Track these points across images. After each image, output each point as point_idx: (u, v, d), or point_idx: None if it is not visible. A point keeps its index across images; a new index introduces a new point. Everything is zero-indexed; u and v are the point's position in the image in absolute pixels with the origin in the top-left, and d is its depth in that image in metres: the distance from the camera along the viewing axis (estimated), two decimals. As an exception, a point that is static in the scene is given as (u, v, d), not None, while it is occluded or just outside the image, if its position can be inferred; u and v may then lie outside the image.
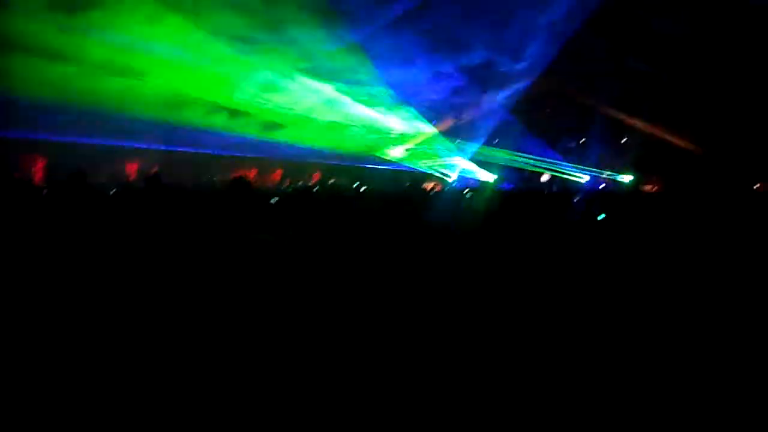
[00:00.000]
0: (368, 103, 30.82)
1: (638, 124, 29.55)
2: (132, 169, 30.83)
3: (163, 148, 27.62)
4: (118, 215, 11.28)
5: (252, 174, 33.73)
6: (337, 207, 16.50)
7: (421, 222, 14.64)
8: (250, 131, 29.37)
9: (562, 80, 29.07)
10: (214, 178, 31.96)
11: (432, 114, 33.28)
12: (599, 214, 14.62)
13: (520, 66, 28.46)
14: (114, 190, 18.22)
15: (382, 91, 29.59)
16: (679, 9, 19.78)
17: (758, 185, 27.21)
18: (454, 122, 33.84)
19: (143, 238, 9.92)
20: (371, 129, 32.89)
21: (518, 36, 26.09)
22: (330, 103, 30.23)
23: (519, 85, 30.29)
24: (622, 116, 29.75)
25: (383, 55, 26.35)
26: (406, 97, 30.59)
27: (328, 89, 29.24)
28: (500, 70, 28.78)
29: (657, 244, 10.97)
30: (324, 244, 11.39)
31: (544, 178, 33.96)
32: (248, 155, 31.54)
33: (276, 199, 17.63)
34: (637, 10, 20.99)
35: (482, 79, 29.55)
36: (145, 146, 27.72)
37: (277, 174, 35.81)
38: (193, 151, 28.32)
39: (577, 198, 19.69)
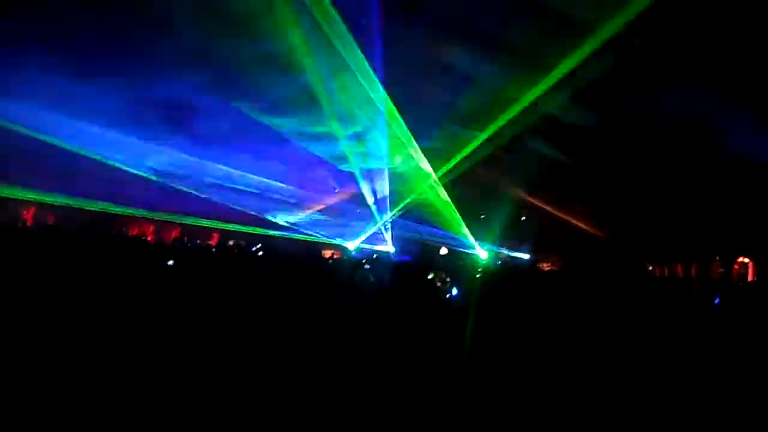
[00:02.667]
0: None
1: (539, 204, 30.84)
2: (28, 215, 29.76)
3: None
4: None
5: (149, 230, 33.02)
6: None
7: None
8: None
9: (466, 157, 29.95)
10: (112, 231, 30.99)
11: (333, 182, 33.66)
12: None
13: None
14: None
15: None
16: (583, 101, 20.95)
17: (651, 267, 28.95)
18: (356, 192, 34.23)
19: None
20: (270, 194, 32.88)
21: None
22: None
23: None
24: (523, 196, 30.98)
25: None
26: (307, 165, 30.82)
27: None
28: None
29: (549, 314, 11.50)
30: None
31: (443, 251, 34.70)
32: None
33: (172, 262, 17.35)
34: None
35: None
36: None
37: (176, 232, 35.08)
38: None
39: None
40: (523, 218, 33.90)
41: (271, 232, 33.89)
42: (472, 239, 33.65)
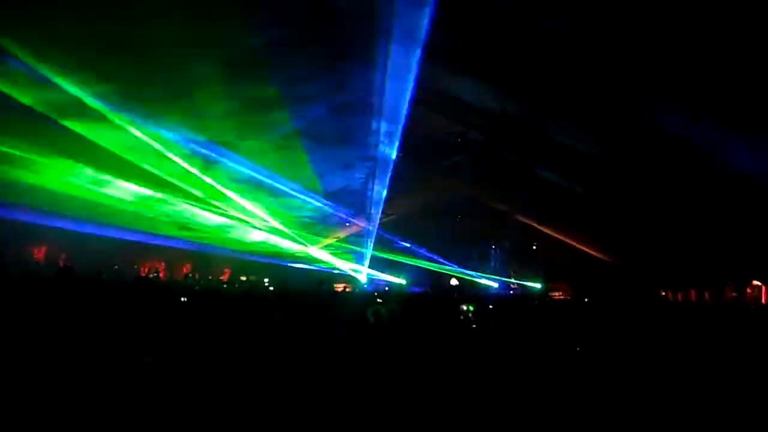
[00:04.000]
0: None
1: (549, 232, 30.85)
2: (40, 253, 29.98)
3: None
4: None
5: (161, 267, 33.24)
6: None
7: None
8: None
9: (475, 187, 30.12)
10: (116, 266, 31.25)
11: (344, 214, 33.75)
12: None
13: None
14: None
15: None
16: (589, 129, 21.04)
17: (664, 292, 28.95)
18: (366, 225, 34.31)
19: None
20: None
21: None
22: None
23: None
24: (533, 224, 30.99)
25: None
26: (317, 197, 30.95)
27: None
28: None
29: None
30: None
31: (453, 282, 34.63)
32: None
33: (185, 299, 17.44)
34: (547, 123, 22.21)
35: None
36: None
37: (186, 268, 35.21)
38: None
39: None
40: (534, 247, 33.93)
41: (283, 263, 33.95)
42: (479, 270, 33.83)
